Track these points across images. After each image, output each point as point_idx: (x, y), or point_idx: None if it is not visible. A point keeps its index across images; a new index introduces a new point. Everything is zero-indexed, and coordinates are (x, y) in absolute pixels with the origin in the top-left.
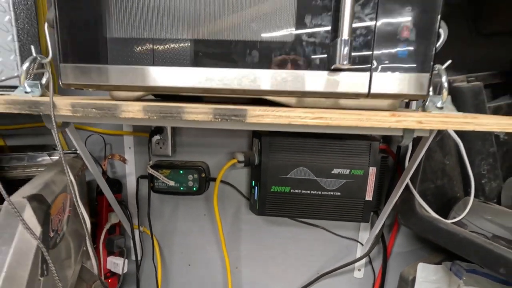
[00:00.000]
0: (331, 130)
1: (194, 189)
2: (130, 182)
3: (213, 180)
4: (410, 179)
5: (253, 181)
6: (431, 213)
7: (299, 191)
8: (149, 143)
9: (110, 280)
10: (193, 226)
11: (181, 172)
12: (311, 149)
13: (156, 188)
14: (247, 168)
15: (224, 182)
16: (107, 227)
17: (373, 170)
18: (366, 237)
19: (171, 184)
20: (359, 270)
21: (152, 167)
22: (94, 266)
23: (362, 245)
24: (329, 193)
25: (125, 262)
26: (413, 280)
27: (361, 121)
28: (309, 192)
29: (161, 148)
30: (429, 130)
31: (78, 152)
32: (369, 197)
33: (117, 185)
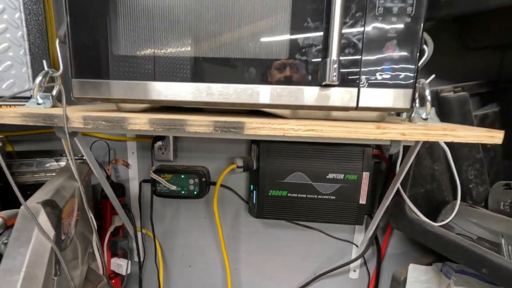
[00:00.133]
0: (323, 140)
1: (195, 193)
2: (133, 186)
3: (213, 184)
4: (401, 184)
5: (252, 185)
6: (421, 216)
7: (296, 195)
8: (152, 149)
9: (113, 281)
10: (193, 229)
11: (182, 176)
12: (307, 155)
13: (158, 192)
14: (246, 173)
15: (224, 186)
16: (111, 229)
17: (366, 175)
18: (361, 239)
19: (173, 188)
20: (354, 271)
21: (154, 171)
22: (100, 267)
23: (357, 246)
24: (324, 197)
25: (129, 263)
26: (405, 281)
27: (349, 133)
28: (305, 196)
29: (163, 153)
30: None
31: (84, 158)
32: (362, 200)
33: (120, 189)
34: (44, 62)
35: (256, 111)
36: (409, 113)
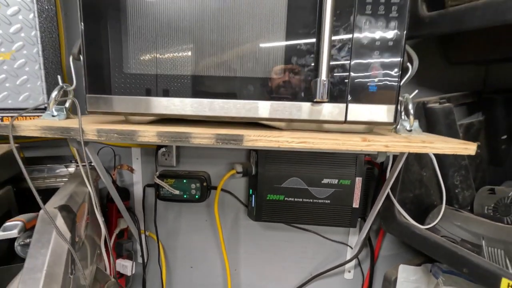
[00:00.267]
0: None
1: (197, 196)
2: (137, 190)
3: (214, 189)
4: (391, 189)
5: (251, 190)
6: (409, 219)
7: (293, 199)
8: (155, 155)
9: (119, 281)
10: (195, 231)
11: (184, 181)
12: (303, 161)
13: (161, 196)
14: (245, 178)
15: (224, 190)
16: (116, 232)
17: (359, 180)
18: (355, 241)
19: (176, 192)
20: (349, 271)
21: (158, 177)
22: (108, 268)
23: (352, 248)
24: (319, 201)
25: (133, 264)
26: (395, 280)
27: (338, 145)
28: (301, 200)
29: (166, 159)
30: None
31: (93, 164)
32: (356, 204)
33: (125, 193)
34: (59, 77)
35: (254, 122)
36: (394, 125)
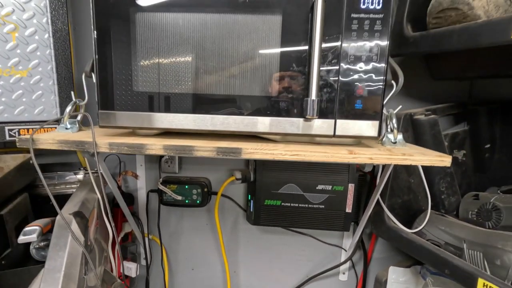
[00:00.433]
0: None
1: (198, 202)
2: (141, 195)
3: (214, 194)
4: (380, 195)
5: (249, 195)
6: (397, 224)
7: (289, 204)
8: (159, 162)
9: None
10: (196, 235)
11: (186, 187)
12: (299, 168)
13: (164, 201)
14: (244, 184)
15: (224, 195)
16: (121, 235)
17: (352, 186)
18: (349, 244)
19: (178, 198)
20: (344, 273)
21: (161, 183)
22: (114, 270)
23: (346, 251)
24: (314, 206)
25: (137, 266)
26: (386, 282)
27: (327, 157)
28: (297, 205)
29: (169, 166)
30: None
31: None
32: (349, 209)
33: (129, 198)
34: (72, 93)
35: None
36: (380, 138)
